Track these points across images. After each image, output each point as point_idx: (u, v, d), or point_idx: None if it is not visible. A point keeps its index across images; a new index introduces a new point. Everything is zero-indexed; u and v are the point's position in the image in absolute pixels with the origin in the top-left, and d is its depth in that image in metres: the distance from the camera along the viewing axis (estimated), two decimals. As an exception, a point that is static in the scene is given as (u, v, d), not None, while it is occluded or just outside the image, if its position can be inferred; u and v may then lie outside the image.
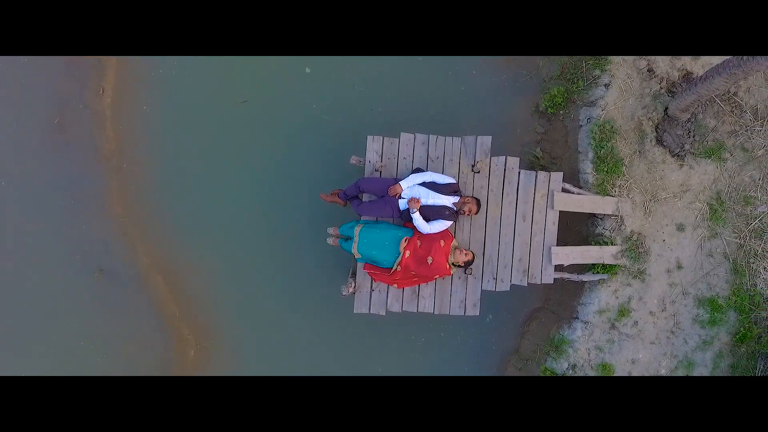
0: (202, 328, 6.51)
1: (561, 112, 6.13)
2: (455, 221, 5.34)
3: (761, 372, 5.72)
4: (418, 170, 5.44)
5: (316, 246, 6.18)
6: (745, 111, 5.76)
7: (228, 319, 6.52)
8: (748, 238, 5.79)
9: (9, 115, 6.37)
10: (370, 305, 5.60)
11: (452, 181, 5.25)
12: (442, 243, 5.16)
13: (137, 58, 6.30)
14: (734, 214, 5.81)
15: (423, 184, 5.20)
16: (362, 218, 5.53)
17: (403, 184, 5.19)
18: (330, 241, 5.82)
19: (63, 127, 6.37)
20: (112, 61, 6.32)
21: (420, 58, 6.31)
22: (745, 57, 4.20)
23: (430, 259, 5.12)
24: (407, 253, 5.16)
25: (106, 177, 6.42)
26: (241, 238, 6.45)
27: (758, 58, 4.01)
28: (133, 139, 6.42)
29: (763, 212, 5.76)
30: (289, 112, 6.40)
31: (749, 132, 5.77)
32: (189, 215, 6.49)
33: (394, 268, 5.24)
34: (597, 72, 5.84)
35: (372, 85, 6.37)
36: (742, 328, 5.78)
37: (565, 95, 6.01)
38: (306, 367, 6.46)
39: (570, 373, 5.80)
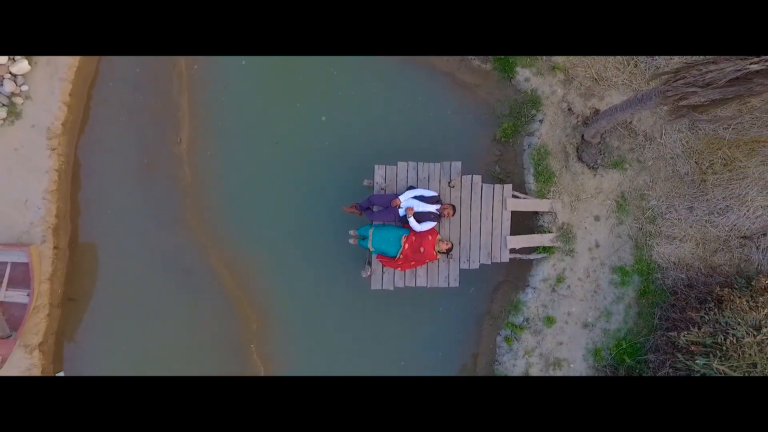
0: (261, 308, 8.39)
1: (511, 140, 8.11)
2: (439, 222, 7.20)
3: (658, 317, 7.88)
4: (411, 187, 7.31)
5: (340, 244, 7.97)
6: (638, 134, 7.85)
7: (279, 300, 8.39)
8: (644, 223, 7.89)
9: (113, 159, 8.29)
10: (382, 283, 7.60)
11: (435, 194, 7.13)
12: (430, 237, 6.96)
13: (203, 119, 8.23)
14: (634, 207, 7.87)
15: (415, 197, 7.03)
16: (374, 223, 7.34)
17: (402, 198, 7.01)
18: (351, 240, 7.56)
19: (151, 167, 8.29)
20: (186, 119, 8.24)
21: (409, 104, 8.38)
22: (615, 110, 6.46)
23: (422, 249, 6.87)
24: (406, 245, 6.90)
25: (182, 200, 8.34)
26: (285, 241, 8.32)
27: (621, 112, 6.28)
28: (203, 174, 8.33)
29: (654, 205, 7.92)
30: (313, 149, 8.26)
31: (642, 149, 7.87)
32: (246, 226, 8.36)
33: (397, 257, 6.98)
34: (534, 111, 7.91)
35: (374, 124, 8.31)
36: (643, 287, 7.85)
37: (513, 128, 8.03)
38: (335, 334, 8.29)
39: (525, 324, 7.95)
